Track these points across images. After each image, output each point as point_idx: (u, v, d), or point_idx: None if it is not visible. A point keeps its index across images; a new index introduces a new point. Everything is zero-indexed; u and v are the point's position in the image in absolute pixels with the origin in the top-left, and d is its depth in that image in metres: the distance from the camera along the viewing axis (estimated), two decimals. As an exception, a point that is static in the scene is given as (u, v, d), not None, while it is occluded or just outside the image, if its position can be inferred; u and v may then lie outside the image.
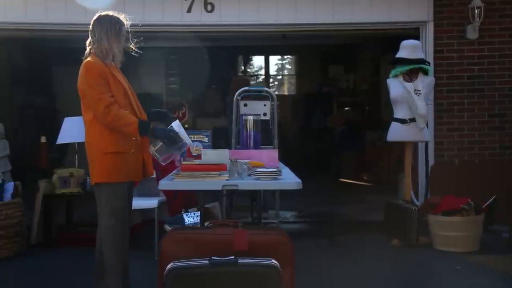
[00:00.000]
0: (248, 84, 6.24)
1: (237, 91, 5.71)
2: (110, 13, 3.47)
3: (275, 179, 3.21)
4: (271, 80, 14.32)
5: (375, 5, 6.26)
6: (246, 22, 6.29)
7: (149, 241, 5.17)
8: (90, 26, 3.42)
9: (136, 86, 11.66)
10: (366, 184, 9.73)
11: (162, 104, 11.08)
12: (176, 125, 3.39)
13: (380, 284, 4.27)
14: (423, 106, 5.20)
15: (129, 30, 3.52)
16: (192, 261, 2.82)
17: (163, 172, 5.16)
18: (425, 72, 5.37)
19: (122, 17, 3.50)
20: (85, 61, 3.34)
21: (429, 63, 5.57)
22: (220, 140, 5.82)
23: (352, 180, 10.06)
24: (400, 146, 6.47)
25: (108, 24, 3.40)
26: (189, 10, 6.24)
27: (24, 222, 5.22)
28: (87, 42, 3.44)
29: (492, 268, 4.56)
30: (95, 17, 3.45)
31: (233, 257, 2.83)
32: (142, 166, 3.49)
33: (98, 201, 3.40)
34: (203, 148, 3.84)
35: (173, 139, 3.27)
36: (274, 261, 2.86)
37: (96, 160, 3.32)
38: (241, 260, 2.83)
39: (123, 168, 3.31)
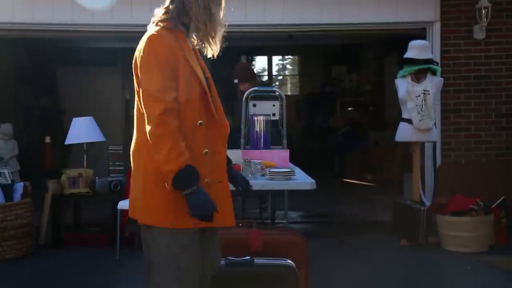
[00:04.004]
0: (250, 69, 6.22)
1: (240, 78, 5.71)
2: None
3: (289, 179, 3.23)
4: (274, 80, 14.33)
5: (382, 5, 6.25)
6: (253, 22, 6.28)
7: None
8: None
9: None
10: (370, 184, 9.73)
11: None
12: None
13: (390, 284, 4.27)
14: (417, 119, 5.23)
15: None
16: (208, 261, 2.83)
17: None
18: (434, 72, 5.37)
19: None
20: (150, 33, 2.20)
21: (437, 63, 5.57)
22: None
23: (356, 180, 10.06)
24: (405, 146, 6.49)
25: None
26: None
27: (34, 222, 5.22)
28: (162, 9, 2.30)
29: (502, 268, 4.56)
30: None
31: (249, 257, 2.84)
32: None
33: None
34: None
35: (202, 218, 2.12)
36: (289, 261, 2.87)
37: (143, 192, 2.22)
38: (257, 260, 2.84)
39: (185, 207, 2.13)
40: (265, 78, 13.88)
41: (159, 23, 2.25)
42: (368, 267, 4.68)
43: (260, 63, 14.22)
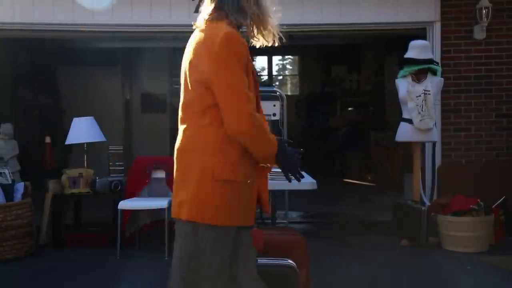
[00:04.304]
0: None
1: None
2: None
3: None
4: (274, 80, 14.33)
5: (382, 6, 6.26)
6: (253, 22, 6.26)
7: (159, 242, 5.18)
8: None
9: (141, 87, 11.65)
10: (370, 184, 9.73)
11: (166, 104, 11.09)
12: None
13: (390, 284, 4.27)
14: (417, 119, 5.23)
15: None
16: (209, 261, 2.83)
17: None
18: (434, 73, 5.37)
19: None
20: (225, 31, 2.13)
21: (438, 63, 5.57)
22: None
23: (356, 180, 10.06)
24: (405, 146, 6.48)
25: None
26: (196, 10, 6.19)
27: (34, 222, 5.22)
28: (208, 6, 2.28)
29: (502, 268, 4.56)
30: None
31: (250, 257, 2.83)
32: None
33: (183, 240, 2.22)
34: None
35: (294, 173, 2.32)
36: (290, 261, 2.87)
37: (197, 187, 2.17)
38: (258, 260, 2.83)
39: (237, 205, 2.21)
40: (265, 78, 13.88)
41: (218, 20, 2.21)
42: (368, 267, 4.67)
43: (260, 63, 14.23)
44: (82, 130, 5.57)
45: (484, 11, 6.06)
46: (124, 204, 5.04)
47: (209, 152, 2.15)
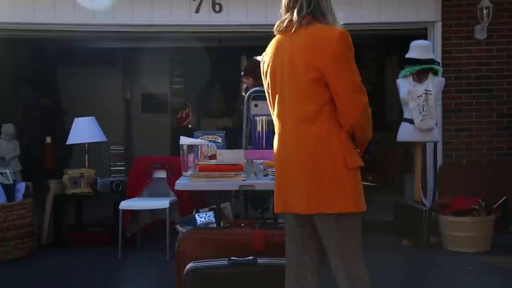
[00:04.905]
0: (259, 67, 6.25)
1: (245, 71, 5.71)
2: None
3: (292, 179, 3.22)
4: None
5: (383, 6, 6.26)
6: (254, 23, 6.28)
7: (159, 242, 5.18)
8: None
9: (141, 87, 11.59)
10: (371, 184, 9.71)
11: (166, 104, 11.09)
12: (183, 139, 3.39)
13: (391, 284, 4.26)
14: (418, 118, 5.23)
15: None
16: (211, 261, 2.84)
17: (174, 172, 5.17)
18: (435, 72, 5.37)
19: None
20: (340, 30, 2.30)
21: (439, 63, 5.57)
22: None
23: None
24: (406, 146, 6.49)
25: None
26: (197, 11, 6.25)
27: (36, 222, 5.22)
28: (300, 12, 2.35)
29: (504, 268, 4.57)
30: None
31: (252, 257, 2.84)
32: None
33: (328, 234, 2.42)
34: (218, 148, 3.84)
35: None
36: (292, 261, 2.86)
37: (332, 181, 2.27)
38: (260, 260, 2.85)
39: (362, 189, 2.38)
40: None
41: (314, 22, 2.34)
42: (369, 267, 4.63)
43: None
44: (83, 130, 5.57)
45: (485, 11, 6.07)
46: (125, 204, 5.05)
47: (334, 146, 2.27)
